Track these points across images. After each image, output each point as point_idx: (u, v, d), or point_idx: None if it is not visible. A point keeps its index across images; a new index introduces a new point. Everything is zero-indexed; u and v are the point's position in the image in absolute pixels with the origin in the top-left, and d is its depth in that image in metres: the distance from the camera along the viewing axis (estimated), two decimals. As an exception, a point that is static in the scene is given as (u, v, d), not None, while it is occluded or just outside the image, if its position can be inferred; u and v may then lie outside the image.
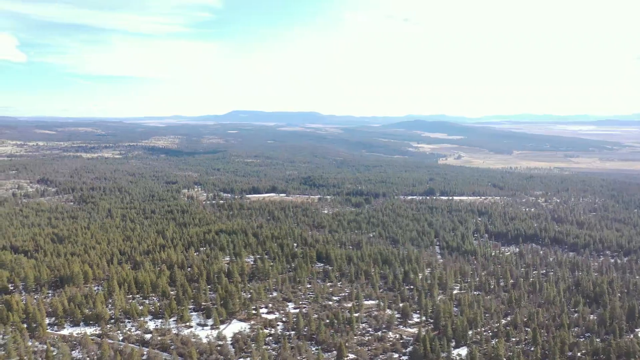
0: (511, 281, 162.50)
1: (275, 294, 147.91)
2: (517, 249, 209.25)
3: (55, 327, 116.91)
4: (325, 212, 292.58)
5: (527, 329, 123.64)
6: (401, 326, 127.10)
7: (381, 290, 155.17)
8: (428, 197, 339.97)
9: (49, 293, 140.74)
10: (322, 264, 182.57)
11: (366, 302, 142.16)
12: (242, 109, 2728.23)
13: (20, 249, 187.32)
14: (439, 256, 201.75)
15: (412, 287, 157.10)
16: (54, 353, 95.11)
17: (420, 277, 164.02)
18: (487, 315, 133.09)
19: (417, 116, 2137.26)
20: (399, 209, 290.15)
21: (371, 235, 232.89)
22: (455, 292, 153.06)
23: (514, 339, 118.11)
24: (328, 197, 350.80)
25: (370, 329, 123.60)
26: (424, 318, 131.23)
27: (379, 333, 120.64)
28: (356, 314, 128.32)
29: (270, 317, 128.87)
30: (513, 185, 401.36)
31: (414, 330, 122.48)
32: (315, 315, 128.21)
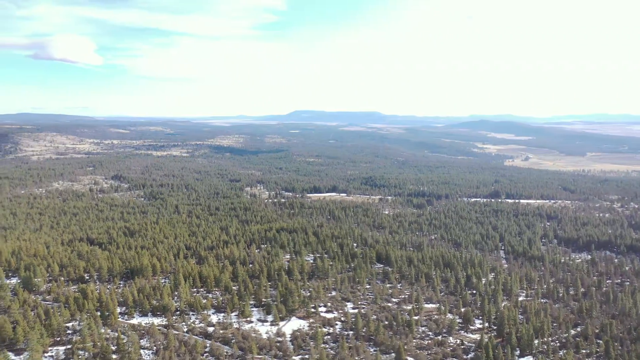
0: (582, 290, 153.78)
1: (334, 293, 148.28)
2: (589, 257, 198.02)
3: (126, 316, 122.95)
4: (386, 212, 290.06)
5: (598, 341, 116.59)
6: (462, 331, 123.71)
7: (442, 293, 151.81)
8: (493, 200, 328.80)
9: (120, 283, 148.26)
10: (381, 265, 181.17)
11: (426, 306, 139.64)
12: (305, 108, 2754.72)
13: (95, 241, 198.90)
14: (503, 261, 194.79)
15: (474, 291, 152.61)
16: (124, 340, 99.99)
17: (483, 282, 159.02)
18: (554, 324, 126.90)
19: (482, 116, 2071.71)
20: (462, 211, 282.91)
21: (433, 238, 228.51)
22: (520, 299, 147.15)
23: (584, 351, 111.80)
24: (389, 197, 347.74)
25: (430, 333, 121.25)
26: (486, 324, 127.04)
27: (439, 337, 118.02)
28: (416, 317, 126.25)
29: (329, 316, 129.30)
30: (585, 189, 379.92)
31: (476, 336, 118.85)
32: (374, 316, 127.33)
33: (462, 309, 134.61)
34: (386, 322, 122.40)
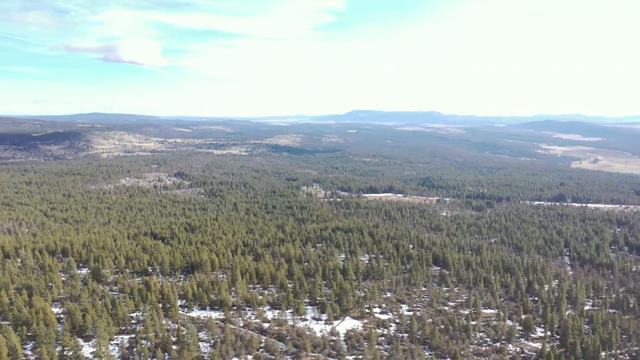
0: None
1: (389, 294, 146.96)
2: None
3: (186, 308, 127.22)
4: (444, 214, 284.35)
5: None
6: (523, 339, 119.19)
7: (501, 299, 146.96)
8: (558, 203, 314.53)
9: (181, 277, 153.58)
10: (438, 268, 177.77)
11: (484, 311, 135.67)
12: (362, 108, 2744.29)
13: (158, 235, 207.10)
14: (568, 267, 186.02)
15: (536, 298, 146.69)
16: (184, 332, 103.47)
17: (546, 288, 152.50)
18: (624, 336, 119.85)
19: (547, 116, 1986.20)
20: (524, 215, 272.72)
21: (492, 241, 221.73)
22: (586, 308, 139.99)
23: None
24: (447, 199, 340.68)
25: (488, 339, 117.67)
26: (549, 333, 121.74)
27: (498, 344, 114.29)
28: (473, 322, 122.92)
29: (384, 317, 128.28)
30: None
31: (537, 345, 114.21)
32: (430, 320, 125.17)
33: (523, 316, 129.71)
34: (442, 326, 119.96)
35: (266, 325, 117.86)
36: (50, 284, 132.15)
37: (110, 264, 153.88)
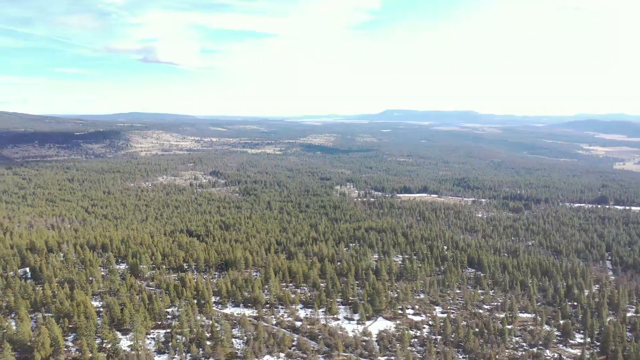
0: None
1: (422, 295, 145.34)
2: None
3: (220, 305, 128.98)
4: (479, 215, 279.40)
5: None
6: (561, 345, 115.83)
7: (539, 303, 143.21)
8: (599, 206, 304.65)
9: (215, 274, 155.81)
10: (473, 270, 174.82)
11: (521, 315, 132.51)
12: (396, 108, 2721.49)
13: (194, 232, 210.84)
14: (610, 272, 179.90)
15: (575, 303, 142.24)
16: (218, 328, 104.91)
17: (586, 293, 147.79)
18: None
19: (589, 115, 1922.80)
20: (563, 217, 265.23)
21: (530, 244, 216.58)
22: (629, 314, 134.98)
23: None
24: (483, 200, 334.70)
25: (524, 344, 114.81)
26: (588, 339, 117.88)
27: (535, 349, 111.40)
28: (509, 326, 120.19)
29: (417, 318, 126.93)
30: None
31: (576, 351, 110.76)
32: (464, 322, 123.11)
33: (561, 321, 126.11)
34: (477, 329, 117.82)
35: (298, 323, 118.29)
36: (91, 278, 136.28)
37: (148, 260, 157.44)
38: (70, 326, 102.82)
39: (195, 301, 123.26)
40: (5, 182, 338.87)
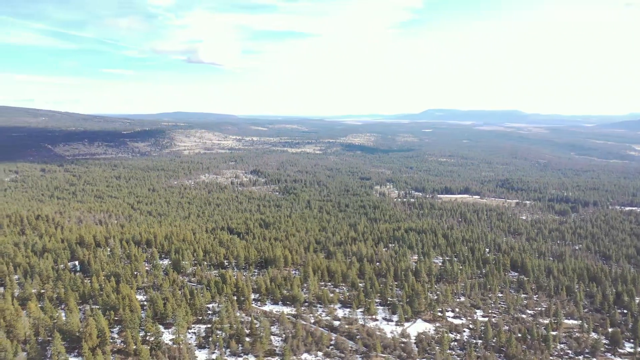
0: None
1: (462, 298, 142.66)
2: None
3: (259, 302, 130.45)
4: (523, 218, 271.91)
5: None
6: (609, 354, 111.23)
7: (586, 310, 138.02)
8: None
9: (255, 272, 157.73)
10: (516, 274, 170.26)
11: (566, 321, 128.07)
12: (437, 107, 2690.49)
13: (234, 230, 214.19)
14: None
15: (625, 311, 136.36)
16: (257, 325, 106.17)
17: (637, 301, 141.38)
18: None
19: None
20: (613, 221, 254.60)
21: (577, 248, 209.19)
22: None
23: None
24: (527, 202, 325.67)
25: (569, 352, 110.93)
26: (639, 349, 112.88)
27: (581, 357, 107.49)
28: (554, 333, 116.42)
29: (457, 321, 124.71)
30: None
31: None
32: (506, 327, 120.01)
33: (610, 329, 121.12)
34: (519, 335, 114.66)
35: (337, 323, 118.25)
36: (135, 273, 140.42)
37: (190, 256, 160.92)
38: (116, 318, 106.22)
39: (235, 298, 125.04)
40: (57, 178, 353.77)
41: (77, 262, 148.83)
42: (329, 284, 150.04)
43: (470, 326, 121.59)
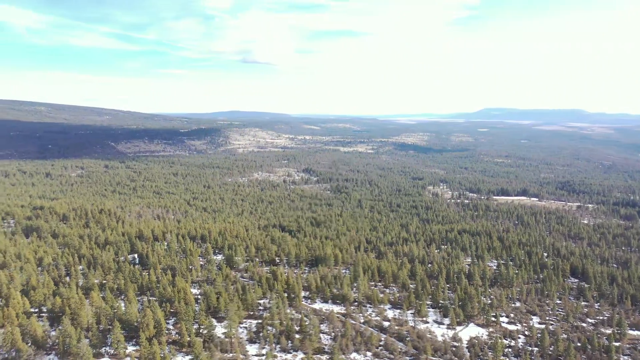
0: None
1: (518, 304, 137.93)
2: None
3: (309, 300, 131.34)
4: (585, 222, 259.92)
5: None
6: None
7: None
8: None
9: (305, 269, 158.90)
10: (576, 280, 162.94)
11: (631, 332, 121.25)
12: (494, 106, 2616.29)
13: (286, 228, 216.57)
14: None
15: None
16: (306, 323, 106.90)
17: None
18: None
19: None
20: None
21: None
22: None
23: None
24: (589, 205, 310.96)
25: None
26: None
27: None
28: (616, 343, 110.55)
29: (511, 327, 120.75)
30: None
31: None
32: (564, 335, 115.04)
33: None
34: (578, 344, 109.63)
35: (386, 323, 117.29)
36: (190, 267, 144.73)
37: (242, 252, 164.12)
38: (171, 310, 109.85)
39: (286, 295, 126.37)
40: (119, 174, 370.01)
41: (136, 255, 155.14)
42: (379, 284, 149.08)
43: (526, 333, 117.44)
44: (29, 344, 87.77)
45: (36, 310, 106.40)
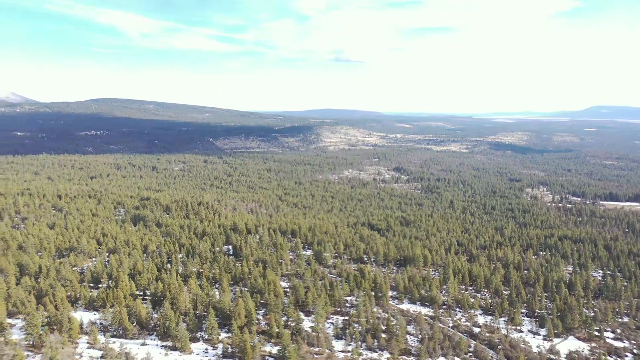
0: None
1: (626, 319, 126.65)
2: None
3: (396, 300, 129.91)
4: None
5: None
6: None
7: None
8: None
9: (393, 269, 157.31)
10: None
11: None
12: (604, 104, 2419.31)
13: (375, 226, 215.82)
14: None
15: None
16: (393, 323, 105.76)
17: None
18: None
19: None
20: None
21: None
22: None
23: None
24: None
25: None
26: None
27: None
28: None
29: (617, 344, 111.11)
30: None
31: None
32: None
33: None
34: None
35: (476, 329, 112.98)
36: (280, 260, 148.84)
37: (331, 249, 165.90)
38: (262, 302, 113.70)
39: (373, 293, 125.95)
40: (217, 169, 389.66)
41: (230, 247, 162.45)
42: (470, 288, 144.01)
43: (635, 351, 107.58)
44: (134, 324, 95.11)
45: (141, 293, 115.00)
